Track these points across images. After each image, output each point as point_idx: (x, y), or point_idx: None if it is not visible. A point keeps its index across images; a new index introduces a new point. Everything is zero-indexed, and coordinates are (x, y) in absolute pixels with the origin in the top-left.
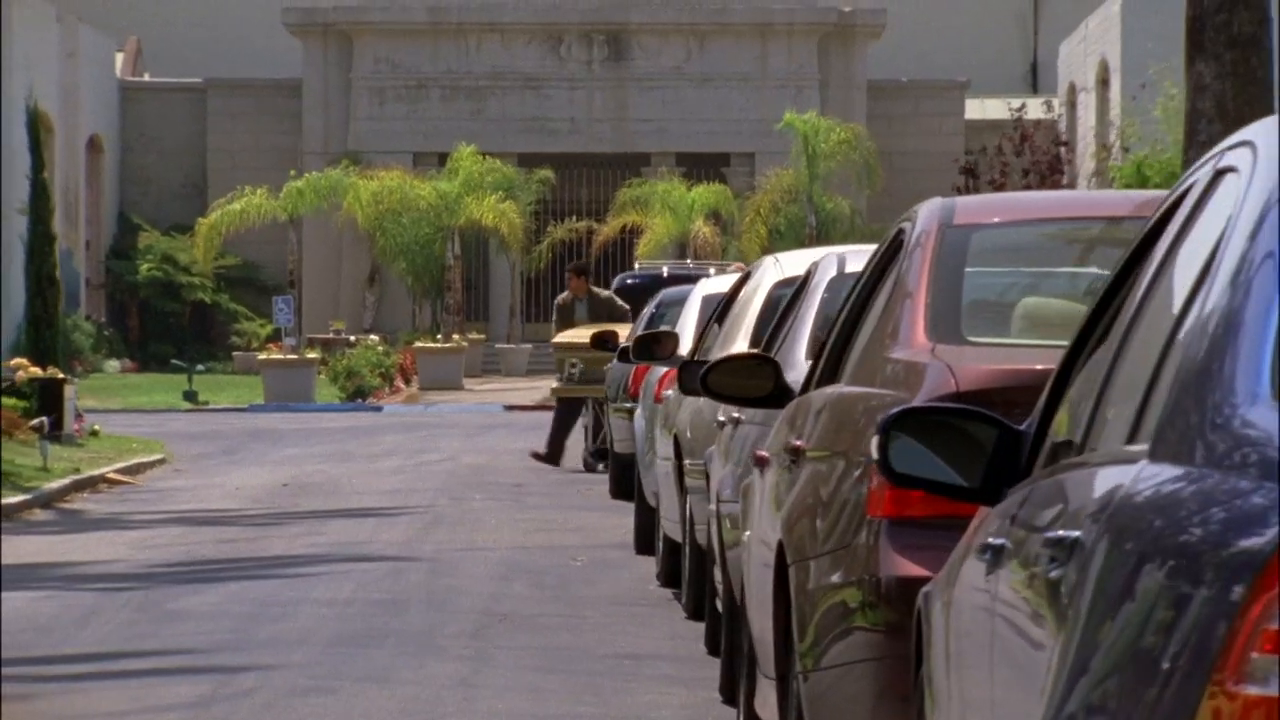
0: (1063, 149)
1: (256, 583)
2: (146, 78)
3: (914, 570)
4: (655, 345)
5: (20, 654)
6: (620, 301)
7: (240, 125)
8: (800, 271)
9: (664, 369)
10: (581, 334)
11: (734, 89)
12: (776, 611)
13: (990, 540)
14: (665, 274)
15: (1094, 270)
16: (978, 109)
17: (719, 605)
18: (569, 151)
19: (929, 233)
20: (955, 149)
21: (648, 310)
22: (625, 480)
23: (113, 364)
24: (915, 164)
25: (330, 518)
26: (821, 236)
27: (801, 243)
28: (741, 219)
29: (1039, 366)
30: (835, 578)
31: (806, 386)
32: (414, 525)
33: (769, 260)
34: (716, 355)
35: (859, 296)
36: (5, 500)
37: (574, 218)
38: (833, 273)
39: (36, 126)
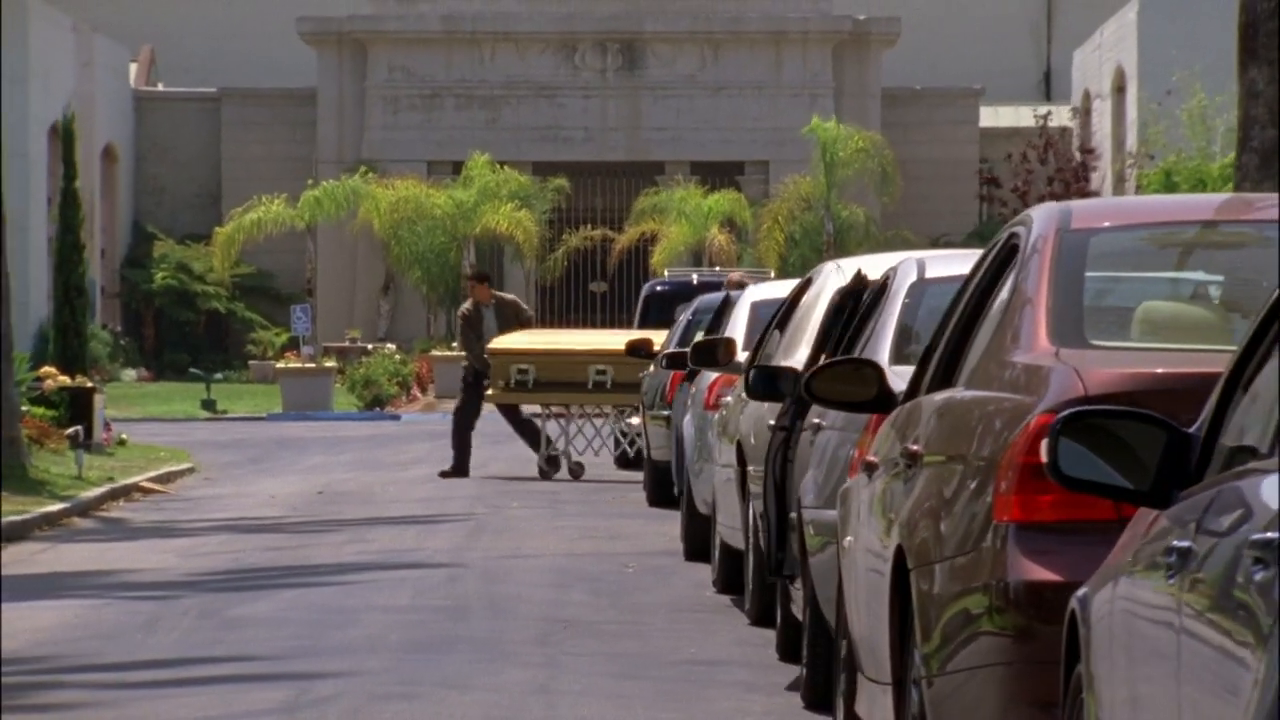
0: (1087, 156)
1: (313, 590)
2: (160, 87)
3: (1043, 575)
4: (714, 352)
5: (92, 661)
6: (524, 304)
7: (254, 134)
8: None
9: (714, 375)
10: (525, 339)
11: (748, 97)
12: (893, 616)
13: (1175, 543)
14: (695, 281)
15: (1201, 275)
16: (991, 116)
17: (795, 611)
18: (583, 160)
19: (1046, 237)
20: (970, 156)
21: (684, 317)
22: (663, 487)
23: (129, 373)
24: (929, 171)
25: (371, 525)
26: (837, 244)
27: (817, 250)
28: (757, 227)
29: (1161, 370)
30: (961, 582)
31: (912, 391)
32: (457, 533)
33: (830, 266)
34: (780, 361)
35: (969, 302)
36: (46, 509)
37: (589, 226)
38: (913, 278)
39: (72, 136)
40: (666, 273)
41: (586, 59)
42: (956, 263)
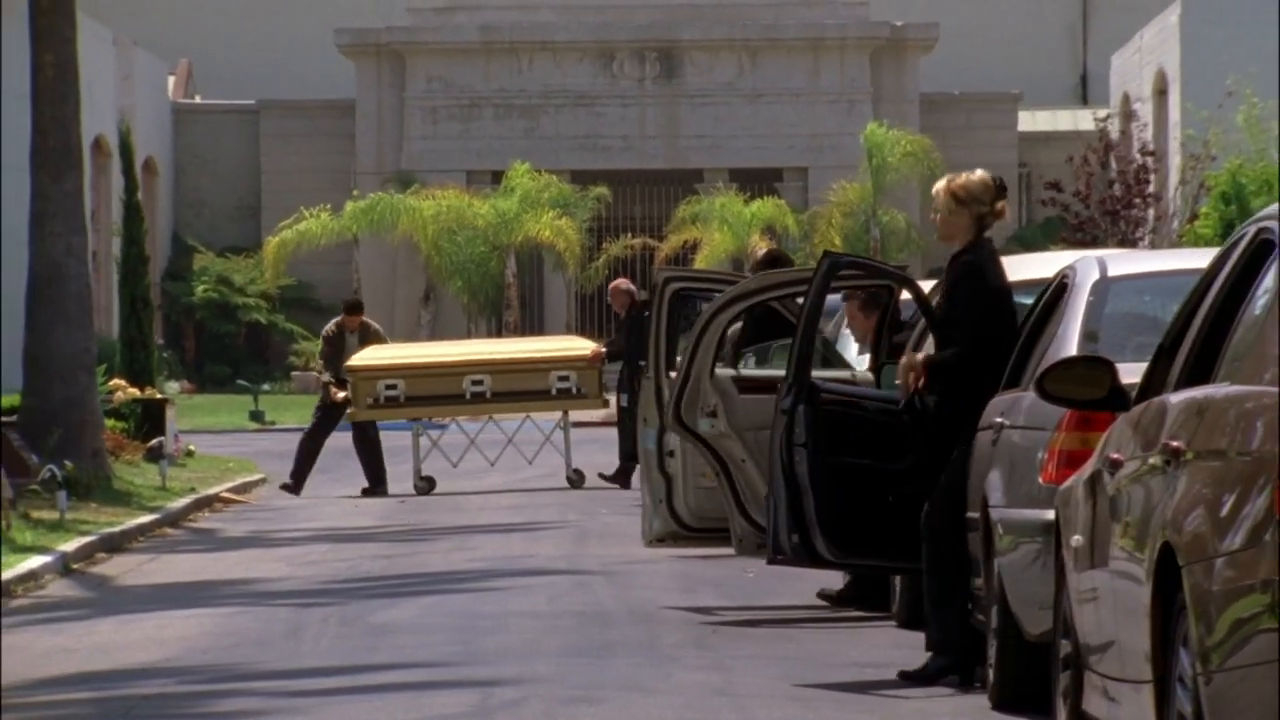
0: (1148, 158)
1: (447, 597)
2: (198, 100)
3: None
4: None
5: (258, 668)
6: (385, 336)
7: (293, 146)
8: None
9: None
10: (388, 353)
11: (786, 104)
12: (1154, 613)
13: None
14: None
15: None
16: (1028, 121)
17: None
18: (622, 169)
19: None
20: (1009, 161)
21: None
22: None
23: (172, 385)
24: None
25: (471, 533)
26: (881, 250)
27: (864, 255)
28: (812, 231)
29: None
30: (1241, 579)
31: (1146, 389)
32: (563, 540)
33: None
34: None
35: (1217, 299)
36: (139, 520)
37: (628, 234)
38: (1095, 276)
39: (130, 150)
40: None
41: (624, 67)
42: (1137, 261)
